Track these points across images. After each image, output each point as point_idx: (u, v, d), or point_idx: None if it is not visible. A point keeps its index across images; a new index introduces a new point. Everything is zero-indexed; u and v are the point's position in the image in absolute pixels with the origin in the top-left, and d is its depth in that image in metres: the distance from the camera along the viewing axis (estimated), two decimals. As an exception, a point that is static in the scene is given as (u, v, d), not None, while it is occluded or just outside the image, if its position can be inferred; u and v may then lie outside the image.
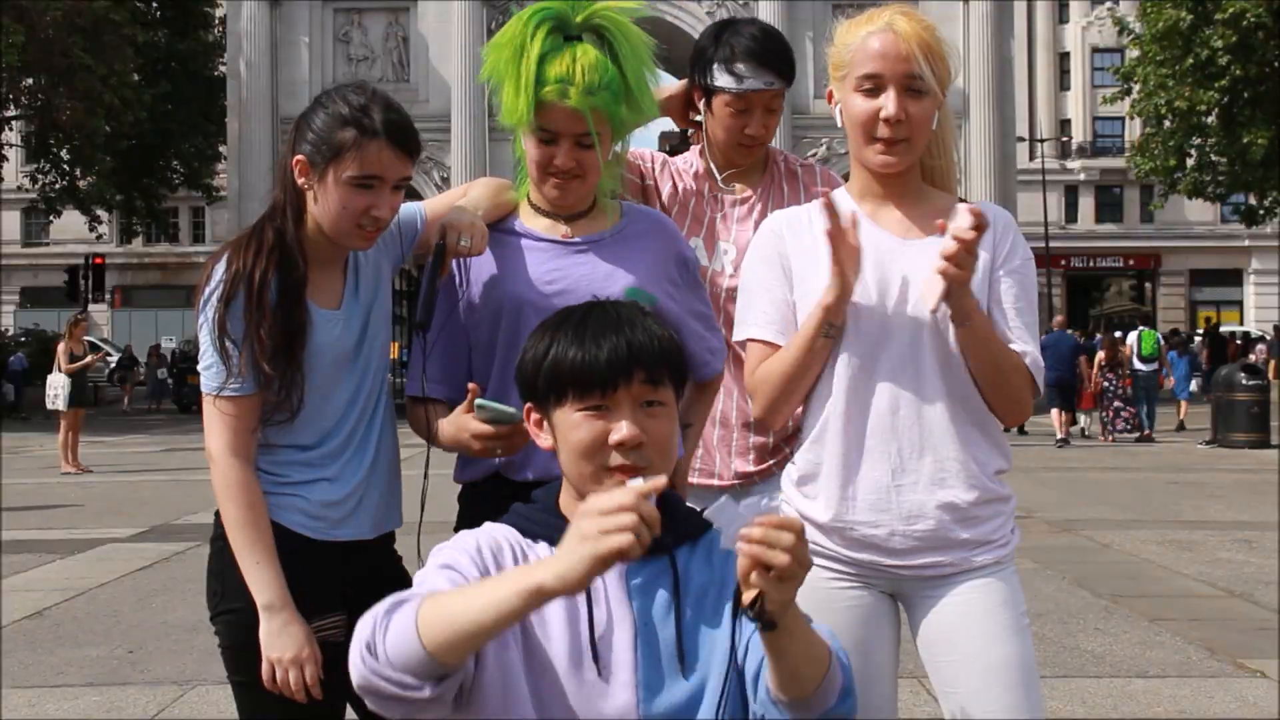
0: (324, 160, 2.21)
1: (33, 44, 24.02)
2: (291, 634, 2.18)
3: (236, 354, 2.20)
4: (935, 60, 2.17)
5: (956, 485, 2.19)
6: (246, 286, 2.21)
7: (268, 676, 2.18)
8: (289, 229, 2.26)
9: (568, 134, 2.29)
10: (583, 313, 1.80)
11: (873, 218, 2.27)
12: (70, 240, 45.15)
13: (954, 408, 2.20)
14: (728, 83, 2.78)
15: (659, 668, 1.72)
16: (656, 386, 1.75)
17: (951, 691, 2.21)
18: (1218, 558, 8.29)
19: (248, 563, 2.20)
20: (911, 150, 2.21)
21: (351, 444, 2.33)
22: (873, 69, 2.16)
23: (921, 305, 2.17)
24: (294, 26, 26.56)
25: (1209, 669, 5.48)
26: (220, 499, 2.24)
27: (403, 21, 26.92)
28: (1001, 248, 2.26)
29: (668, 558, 1.77)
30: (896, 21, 2.17)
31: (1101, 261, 49.59)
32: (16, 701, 5.03)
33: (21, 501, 11.68)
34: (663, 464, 1.75)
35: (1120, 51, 40.22)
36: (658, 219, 2.57)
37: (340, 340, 2.31)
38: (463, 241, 2.29)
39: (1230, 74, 25.61)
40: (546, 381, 1.75)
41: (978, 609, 2.19)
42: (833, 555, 2.24)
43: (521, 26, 2.28)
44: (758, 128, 2.81)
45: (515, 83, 2.27)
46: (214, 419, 2.24)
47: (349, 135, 2.20)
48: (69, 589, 7.43)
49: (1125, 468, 14.76)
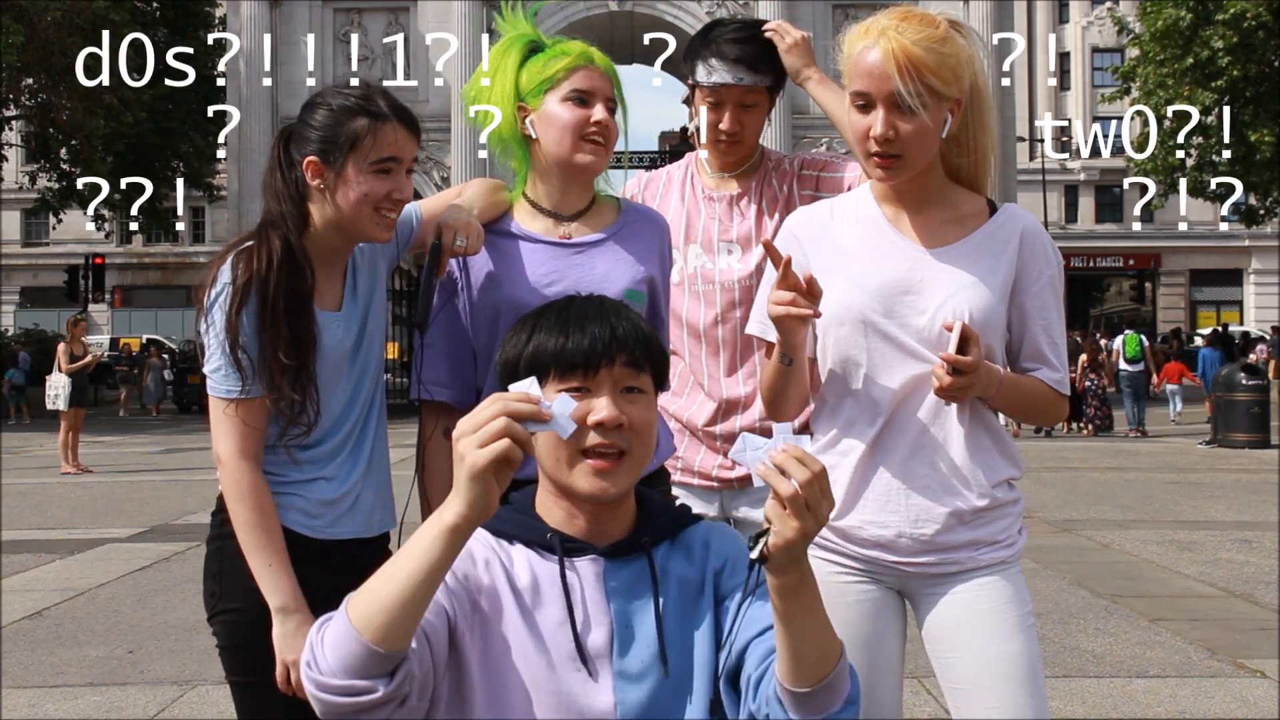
0: (341, 153, 2.23)
1: (32, 44, 24.01)
2: (305, 635, 2.17)
3: (249, 361, 2.20)
4: (927, 74, 2.10)
5: (966, 492, 2.20)
6: (260, 296, 2.20)
7: (282, 678, 2.18)
8: (293, 237, 2.26)
9: (600, 93, 2.38)
10: (565, 302, 1.80)
11: (894, 222, 2.27)
12: (70, 240, 45.17)
13: (966, 415, 2.20)
14: (700, 76, 2.82)
15: (638, 668, 1.71)
16: (638, 372, 1.74)
17: (957, 688, 2.22)
18: (1218, 558, 8.29)
19: (260, 565, 2.19)
20: (907, 165, 2.18)
21: (349, 443, 2.34)
22: (862, 86, 2.15)
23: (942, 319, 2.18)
24: (294, 26, 26.56)
25: (1209, 669, 5.48)
26: (231, 502, 2.23)
27: (403, 21, 26.92)
28: (1031, 264, 2.24)
29: (645, 557, 1.76)
30: (885, 36, 2.12)
31: (1101, 261, 49.59)
32: (16, 701, 5.03)
33: (21, 501, 11.68)
34: (642, 450, 1.74)
35: (1120, 51, 40.22)
36: (653, 217, 2.59)
37: (341, 341, 2.32)
38: (459, 241, 2.30)
39: (1229, 74, 25.59)
40: (528, 366, 1.73)
41: (983, 606, 2.19)
42: (841, 550, 2.26)
43: (509, 40, 2.44)
44: (731, 124, 2.81)
45: (529, 62, 2.38)
46: (223, 422, 2.23)
47: (362, 123, 2.23)
48: (69, 589, 7.43)
49: (1125, 468, 14.75)
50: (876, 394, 2.21)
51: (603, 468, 1.69)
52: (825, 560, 2.27)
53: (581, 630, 1.71)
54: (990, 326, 2.19)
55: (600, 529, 1.76)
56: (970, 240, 2.23)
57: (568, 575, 1.73)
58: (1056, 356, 2.26)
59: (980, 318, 2.17)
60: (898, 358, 2.20)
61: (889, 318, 2.19)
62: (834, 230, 2.29)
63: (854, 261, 2.24)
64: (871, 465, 2.22)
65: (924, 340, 2.18)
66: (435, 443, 2.40)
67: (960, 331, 2.08)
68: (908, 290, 2.20)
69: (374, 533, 2.39)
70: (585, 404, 1.69)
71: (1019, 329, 2.25)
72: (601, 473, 1.70)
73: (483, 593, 1.71)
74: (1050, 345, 2.25)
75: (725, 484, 2.84)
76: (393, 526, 2.44)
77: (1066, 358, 2.29)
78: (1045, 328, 2.25)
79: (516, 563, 1.75)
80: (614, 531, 1.77)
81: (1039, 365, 2.25)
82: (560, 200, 2.45)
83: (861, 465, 2.23)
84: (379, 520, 2.40)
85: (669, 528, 1.82)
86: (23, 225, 49.75)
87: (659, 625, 1.73)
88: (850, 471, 2.23)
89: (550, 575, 1.73)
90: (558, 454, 1.71)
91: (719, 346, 2.85)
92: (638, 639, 1.72)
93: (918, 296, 2.20)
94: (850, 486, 2.23)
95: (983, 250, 2.22)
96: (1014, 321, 2.25)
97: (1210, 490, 12.33)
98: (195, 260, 50.16)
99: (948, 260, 2.21)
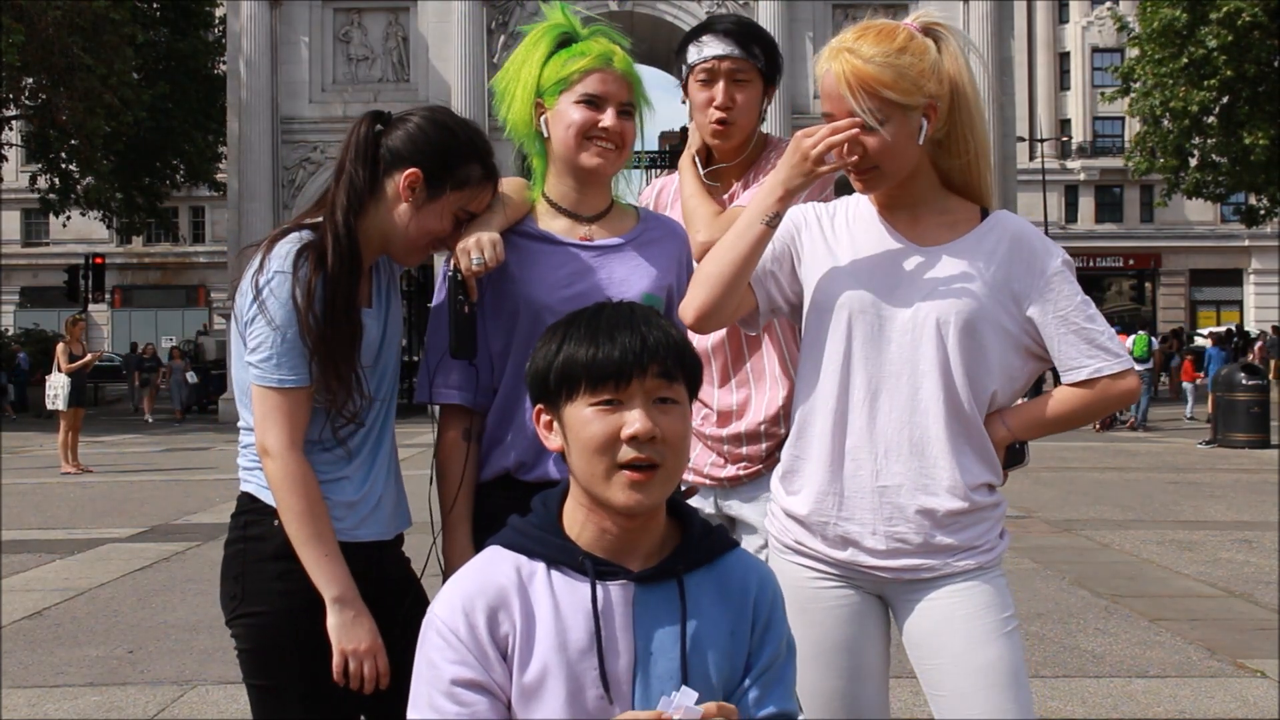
0: (445, 186, 2.26)
1: (32, 43, 23.99)
2: (363, 625, 2.18)
3: (300, 349, 2.19)
4: (882, 89, 2.11)
5: (941, 493, 2.18)
6: (332, 291, 2.20)
7: (339, 668, 2.16)
8: (354, 231, 2.26)
9: (613, 98, 2.36)
10: (595, 310, 1.78)
11: (889, 220, 2.28)
12: (70, 240, 45.17)
13: (946, 416, 2.19)
14: (693, 55, 2.80)
15: (658, 700, 1.69)
16: (671, 383, 1.71)
17: (939, 695, 2.21)
18: (1218, 558, 8.29)
19: (315, 555, 2.17)
20: (883, 177, 2.20)
21: (368, 443, 2.33)
22: (827, 107, 2.19)
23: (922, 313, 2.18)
24: (294, 26, 26.52)
25: (1209, 669, 5.48)
26: (282, 493, 2.19)
27: (403, 21, 26.88)
28: (1030, 268, 2.22)
29: (676, 583, 1.75)
30: (838, 60, 2.14)
31: (1101, 261, 49.56)
32: (16, 701, 5.03)
33: (21, 501, 11.68)
34: (675, 463, 1.72)
35: (1120, 51, 40.22)
36: (672, 226, 2.58)
37: (373, 338, 2.32)
38: (475, 262, 2.27)
39: (1222, 74, 25.57)
40: (558, 377, 1.72)
41: (960, 613, 2.18)
42: (816, 555, 2.25)
43: (541, 30, 2.40)
44: (725, 98, 2.76)
45: (554, 57, 2.36)
46: (273, 412, 2.20)
47: (477, 172, 2.29)
48: (69, 589, 7.43)
49: (1125, 468, 14.75)
50: (853, 388, 2.21)
51: (638, 480, 1.68)
52: (800, 565, 2.26)
53: (606, 655, 1.70)
54: (977, 321, 2.18)
55: (632, 542, 1.74)
56: (962, 241, 2.24)
57: (598, 600, 1.72)
58: (1097, 343, 2.21)
59: (967, 313, 2.17)
60: (879, 350, 2.20)
61: (875, 309, 2.20)
62: (831, 225, 2.30)
63: (846, 253, 2.26)
64: (844, 461, 2.21)
65: (907, 334, 2.19)
66: (452, 446, 2.38)
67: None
68: (895, 286, 2.21)
69: (392, 535, 2.38)
70: (617, 417, 1.68)
71: (1048, 335, 2.22)
72: (636, 485, 1.68)
73: (514, 633, 1.70)
74: (1084, 336, 2.21)
75: (717, 482, 2.83)
76: (407, 527, 2.44)
77: (1111, 337, 2.23)
78: (1070, 320, 2.21)
79: (540, 584, 1.73)
80: (645, 545, 1.76)
81: (1083, 363, 2.21)
82: (578, 201, 2.43)
83: (834, 459, 2.22)
84: (396, 522, 2.40)
85: (705, 554, 1.79)
86: (23, 225, 49.73)
87: (683, 657, 1.71)
88: (824, 468, 2.22)
89: (578, 599, 1.72)
90: (593, 467, 1.69)
91: (709, 355, 2.81)
92: (661, 669, 1.71)
93: (903, 292, 2.20)
94: (823, 481, 2.22)
95: (974, 251, 2.22)
96: (1041, 330, 2.22)
97: (1210, 490, 12.34)
98: (195, 260, 50.18)
99: (937, 257, 2.22)
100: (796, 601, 2.25)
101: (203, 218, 50.65)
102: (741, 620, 1.77)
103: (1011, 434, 2.25)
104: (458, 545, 2.32)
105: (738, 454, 2.80)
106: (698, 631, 1.73)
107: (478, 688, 1.67)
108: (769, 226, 2.22)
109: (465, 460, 2.36)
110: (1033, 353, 2.25)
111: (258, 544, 2.23)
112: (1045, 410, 2.26)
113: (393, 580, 2.35)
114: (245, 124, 26.00)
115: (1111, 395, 2.23)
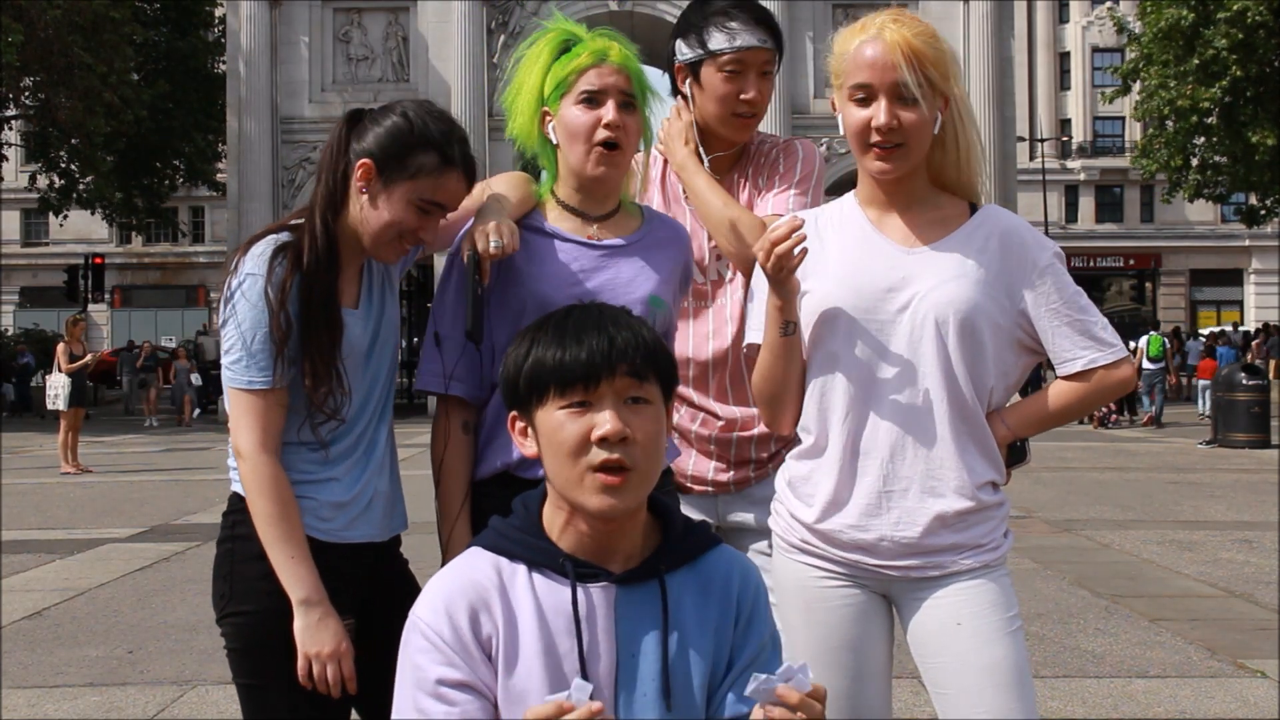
0: (396, 175, 2.22)
1: (32, 43, 23.98)
2: (329, 628, 2.17)
3: (271, 350, 2.18)
4: (927, 66, 2.16)
5: (948, 495, 2.19)
6: (308, 289, 2.19)
7: (304, 672, 2.16)
8: (332, 227, 2.25)
9: (612, 90, 2.33)
10: (563, 313, 1.78)
11: (877, 225, 2.29)
12: (70, 240, 45.17)
13: (950, 417, 2.20)
14: (721, 42, 2.64)
15: (641, 701, 1.69)
16: (641, 382, 1.71)
17: (943, 693, 2.21)
18: (1218, 558, 8.29)
19: (281, 557, 2.17)
20: (908, 156, 2.20)
21: (361, 445, 2.32)
22: (863, 78, 2.18)
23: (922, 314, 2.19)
24: (294, 26, 26.51)
25: (1209, 669, 5.48)
26: (251, 495, 2.20)
27: (403, 21, 26.87)
28: (1021, 261, 2.23)
29: (657, 582, 1.74)
30: (885, 30, 2.18)
31: (1102, 261, 49.57)
32: (16, 701, 5.03)
33: (21, 501, 11.68)
34: (648, 465, 1.71)
35: (1120, 51, 40.20)
36: (677, 228, 2.57)
37: (359, 340, 2.31)
38: (494, 245, 2.25)
39: (1231, 74, 25.56)
40: (528, 382, 1.72)
41: (966, 611, 2.18)
42: (823, 554, 2.25)
43: (543, 39, 2.39)
44: (754, 91, 2.66)
45: (556, 63, 2.35)
46: (244, 414, 2.20)
47: (431, 160, 2.23)
48: (69, 589, 7.43)
49: (1125, 468, 14.76)
50: (857, 393, 2.21)
51: (610, 484, 1.67)
52: (807, 565, 2.27)
53: (588, 658, 1.69)
54: (975, 317, 2.18)
55: (612, 544, 1.74)
56: (952, 238, 2.24)
57: (579, 603, 1.71)
58: (1091, 334, 2.22)
59: (964, 311, 2.18)
60: (878, 356, 2.20)
61: (870, 315, 2.20)
62: (819, 234, 2.29)
63: (837, 263, 2.26)
64: (852, 466, 2.22)
65: (907, 335, 2.19)
66: (454, 440, 2.36)
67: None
68: (890, 288, 2.21)
69: (386, 537, 2.37)
70: (588, 418, 1.68)
71: (1041, 328, 2.23)
72: (609, 489, 1.67)
73: (496, 635, 1.70)
74: (1078, 327, 2.21)
75: (720, 487, 2.78)
76: (404, 529, 2.43)
77: (1105, 326, 2.24)
78: (1063, 312, 2.22)
79: (521, 586, 1.73)
80: (626, 546, 1.75)
81: (1078, 354, 2.22)
82: (588, 202, 2.42)
83: (842, 467, 2.23)
84: (391, 524, 2.39)
85: (687, 553, 1.79)
86: (22, 225, 49.73)
87: (664, 658, 1.71)
88: (833, 474, 2.23)
89: (559, 601, 1.71)
90: (566, 471, 1.69)
91: (709, 368, 2.76)
92: (642, 671, 1.71)
93: (899, 293, 2.21)
94: (833, 489, 2.23)
95: (965, 246, 2.23)
96: (1034, 323, 2.23)
97: (1210, 490, 12.34)
98: (195, 260, 50.17)
99: (928, 256, 2.23)
100: (802, 600, 2.26)
101: (203, 217, 50.65)
102: (725, 617, 1.77)
103: (1012, 432, 2.26)
104: (462, 541, 2.31)
105: (745, 457, 2.76)
106: (680, 632, 1.73)
107: (465, 687, 1.67)
108: (790, 336, 2.23)
109: (468, 455, 2.36)
110: (1026, 346, 2.26)
111: (245, 543, 2.23)
112: (1043, 406, 2.27)
113: (389, 582, 2.35)
114: (245, 123, 26.00)
115: (1108, 385, 2.24)
